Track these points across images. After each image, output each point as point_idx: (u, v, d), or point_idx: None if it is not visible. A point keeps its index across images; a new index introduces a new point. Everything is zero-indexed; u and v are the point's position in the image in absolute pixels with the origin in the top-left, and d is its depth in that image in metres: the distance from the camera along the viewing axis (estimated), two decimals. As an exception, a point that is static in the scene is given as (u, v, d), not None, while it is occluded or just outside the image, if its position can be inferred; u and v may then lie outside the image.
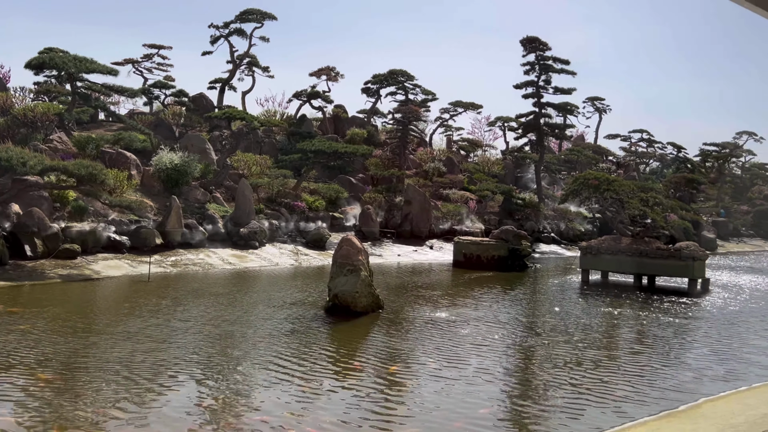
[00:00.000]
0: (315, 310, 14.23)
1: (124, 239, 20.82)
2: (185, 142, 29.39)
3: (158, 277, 18.70)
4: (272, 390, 8.41)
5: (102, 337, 11.04)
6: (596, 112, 58.25)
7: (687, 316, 15.72)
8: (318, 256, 25.11)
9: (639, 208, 22.40)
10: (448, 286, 20.63)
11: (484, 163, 44.72)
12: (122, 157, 25.60)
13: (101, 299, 15.35)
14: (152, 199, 24.14)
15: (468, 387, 8.89)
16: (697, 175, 51.33)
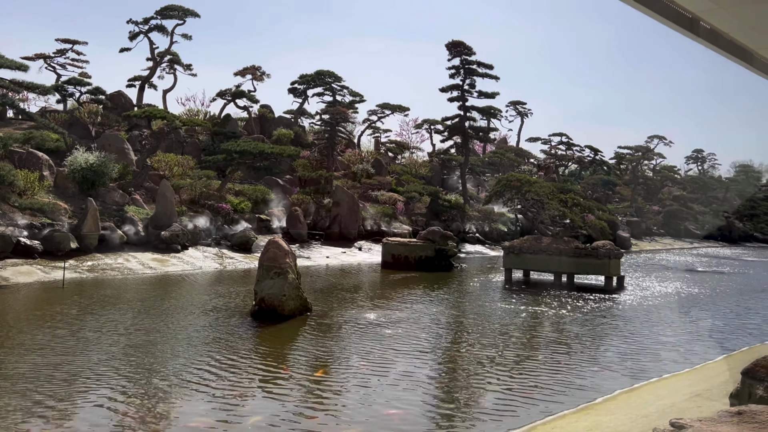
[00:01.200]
0: (240, 315, 13.94)
1: (35, 244, 19.69)
2: (102, 141, 28.14)
3: (74, 283, 17.80)
4: (193, 401, 8.17)
5: (7, 349, 10.39)
6: (518, 116, 60.14)
7: (603, 312, 16.44)
8: (244, 259, 24.63)
9: (558, 208, 23.27)
10: (377, 287, 20.71)
11: (412, 164, 45.25)
12: (33, 158, 24.24)
13: (10, 308, 14.44)
14: (67, 202, 22.97)
15: (393, 388, 8.94)
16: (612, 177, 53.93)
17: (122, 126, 33.01)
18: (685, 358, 11.48)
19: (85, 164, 23.96)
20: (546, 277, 22.59)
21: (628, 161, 63.38)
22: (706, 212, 61.05)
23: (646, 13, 3.60)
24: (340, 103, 41.35)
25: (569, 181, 49.31)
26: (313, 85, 42.37)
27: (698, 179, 69.54)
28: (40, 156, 24.60)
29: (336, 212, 31.51)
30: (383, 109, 47.32)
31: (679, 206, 59.94)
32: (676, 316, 16.46)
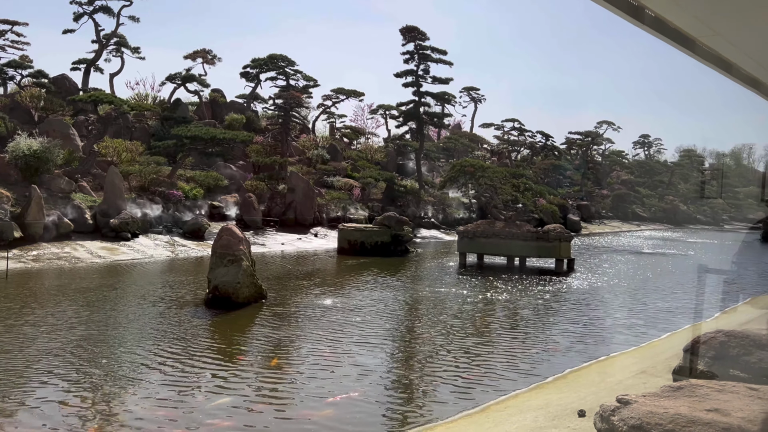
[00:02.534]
0: (194, 303, 13.74)
1: (-25, 233, 18.92)
2: (46, 127, 27.12)
3: (17, 273, 17.20)
4: (144, 393, 8.03)
5: (-50, 342, 10.00)
6: (472, 102, 60.71)
7: (554, 295, 16.86)
8: (196, 247, 24.23)
9: (511, 193, 23.67)
10: (333, 273, 20.70)
11: (367, 150, 45.19)
12: (-29, 143, 23.19)
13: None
14: (9, 189, 22.09)
15: (348, 376, 8.98)
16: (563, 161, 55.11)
17: (67, 111, 31.86)
18: (632, 337, 11.90)
19: (28, 150, 23.08)
20: (499, 260, 22.99)
21: (579, 146, 64.84)
22: (652, 196, 63.13)
23: (594, 0, 3.68)
24: (294, 88, 40.86)
25: (522, 166, 50.15)
26: (265, 69, 41.72)
27: (645, 164, 71.75)
28: (-21, 142, 23.55)
29: (291, 198, 31.26)
30: (338, 94, 47.01)
31: (627, 190, 61.81)
32: (624, 296, 17.02)
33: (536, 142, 58.43)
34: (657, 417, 3.98)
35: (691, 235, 47.37)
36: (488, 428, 6.32)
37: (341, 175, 37.38)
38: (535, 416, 6.44)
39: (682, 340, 7.82)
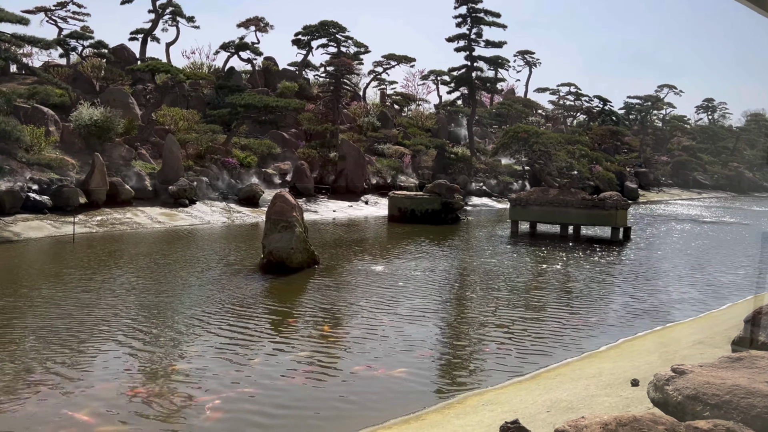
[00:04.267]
0: (249, 267, 14.12)
1: (45, 199, 19.84)
2: (107, 96, 27.96)
3: (84, 237, 18.02)
4: (204, 350, 8.36)
5: (19, 304, 10.61)
6: (526, 66, 59.18)
7: (608, 263, 16.54)
8: (251, 213, 24.77)
9: (566, 160, 23.15)
10: (383, 240, 20.86)
11: (418, 117, 44.85)
12: (38, 113, 24.14)
13: (22, 262, 14.68)
14: (73, 157, 23.01)
15: (401, 341, 9.11)
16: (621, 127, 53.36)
17: (126, 80, 32.73)
18: (689, 308, 11.60)
19: (90, 120, 23.89)
20: (552, 228, 22.64)
21: (638, 111, 62.59)
22: (715, 162, 60.56)
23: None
24: (345, 55, 40.69)
25: (577, 132, 48.83)
26: (317, 37, 41.62)
27: (708, 129, 68.71)
28: (45, 111, 24.50)
29: (342, 166, 31.45)
30: (389, 61, 46.58)
31: (688, 156, 59.45)
32: (682, 266, 16.55)
33: (593, 107, 56.66)
34: (714, 387, 3.90)
35: (757, 203, 45.38)
36: (538, 395, 6.33)
37: (392, 142, 37.29)
38: (587, 384, 6.41)
39: (742, 311, 7.58)
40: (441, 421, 5.93)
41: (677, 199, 47.60)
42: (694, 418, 3.71)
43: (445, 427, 5.68)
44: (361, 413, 6.40)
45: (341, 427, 6.03)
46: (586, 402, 5.65)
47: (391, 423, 6.10)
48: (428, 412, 6.40)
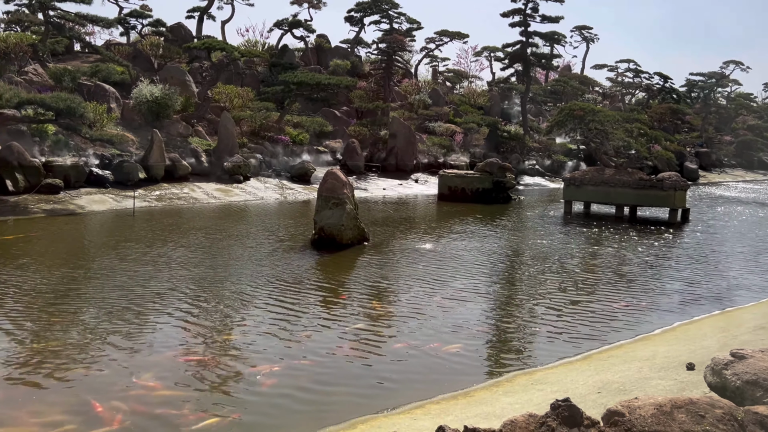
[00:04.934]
0: (301, 243, 14.36)
1: (107, 174, 20.62)
2: (165, 74, 28.66)
3: (143, 211, 18.66)
4: (258, 322, 8.59)
5: (84, 273, 11.11)
6: (583, 42, 57.46)
7: (665, 246, 16.08)
8: (303, 190, 25.11)
9: (623, 138, 22.50)
10: (433, 218, 20.83)
11: (470, 94, 44.27)
12: (101, 90, 24.99)
13: (86, 234, 15.34)
14: (133, 133, 23.76)
15: (450, 318, 9.14)
16: (682, 105, 51.34)
17: (183, 58, 33.44)
18: (750, 293, 11.20)
19: (150, 97, 24.55)
20: (607, 209, 22.12)
21: (700, 89, 60.02)
22: (783, 142, 57.65)
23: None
24: (397, 31, 40.41)
25: (636, 110, 47.26)
26: (369, 13, 41.46)
27: (777, 107, 65.35)
28: (107, 89, 25.32)
29: (392, 144, 31.43)
30: (441, 37, 46.04)
31: (754, 136, 56.77)
32: (743, 251, 15.94)
33: (653, 85, 54.63)
34: (775, 373, 3.79)
35: (828, 186, 43.12)
36: (589, 376, 6.27)
37: (443, 120, 36.99)
38: (640, 367, 6.30)
39: (808, 298, 7.28)
40: (489, 399, 5.96)
41: (740, 181, 45.69)
42: (753, 403, 3.62)
43: (494, 404, 5.70)
44: (408, 389, 6.48)
45: (389, 401, 6.12)
46: (638, 384, 5.56)
47: (439, 398, 6.16)
48: (476, 389, 6.43)
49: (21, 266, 11.10)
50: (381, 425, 5.38)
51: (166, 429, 5.46)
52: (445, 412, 5.58)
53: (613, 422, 3.10)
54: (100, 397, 5.94)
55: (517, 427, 2.89)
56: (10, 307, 8.72)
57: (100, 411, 5.67)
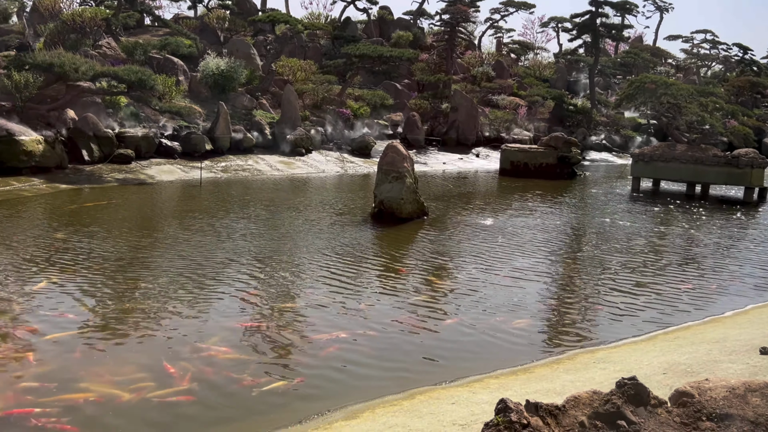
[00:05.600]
0: (360, 216, 14.48)
1: (175, 145, 21.28)
2: (230, 47, 29.15)
3: (209, 182, 19.21)
4: (318, 292, 8.75)
5: (153, 241, 11.57)
6: (657, 11, 54.81)
7: (741, 226, 15.37)
8: (363, 163, 25.22)
9: (697, 113, 21.46)
10: (493, 194, 20.58)
11: (536, 67, 43.13)
12: (170, 63, 25.66)
13: (156, 203, 15.94)
14: (200, 106, 24.35)
15: (512, 292, 9.05)
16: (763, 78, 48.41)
17: (248, 31, 33.88)
18: (832, 276, 10.59)
19: (216, 70, 25.05)
20: (678, 187, 21.27)
21: (785, 60, 56.35)
22: None
23: None
24: (461, 2, 39.59)
25: (711, 83, 44.91)
26: (433, -16, 40.73)
27: None
28: (176, 61, 25.97)
29: (454, 117, 31.06)
30: (507, 7, 44.91)
31: (843, 112, 53.06)
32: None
33: (731, 56, 51.74)
34: None
35: None
36: (654, 356, 6.11)
37: (506, 93, 36.23)
38: (709, 349, 6.09)
39: None
40: (549, 375, 5.90)
41: (825, 159, 42.97)
42: (833, 391, 3.44)
43: (554, 381, 5.64)
44: (466, 363, 6.49)
45: (447, 374, 6.15)
46: (707, 367, 5.39)
47: (498, 373, 6.15)
48: (536, 365, 6.37)
49: (91, 233, 11.66)
50: (439, 396, 5.42)
51: (233, 390, 5.67)
52: (504, 387, 5.56)
53: (682, 403, 3.01)
54: (169, 358, 6.22)
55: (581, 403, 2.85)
56: (86, 271, 9.19)
57: (171, 371, 5.94)
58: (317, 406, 5.42)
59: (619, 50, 48.78)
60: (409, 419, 4.90)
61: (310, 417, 5.20)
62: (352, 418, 5.09)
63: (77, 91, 19.39)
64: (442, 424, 4.69)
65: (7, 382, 5.64)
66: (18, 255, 9.77)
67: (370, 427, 4.82)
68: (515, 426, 2.59)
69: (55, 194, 15.68)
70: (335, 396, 5.66)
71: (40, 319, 7.16)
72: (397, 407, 5.23)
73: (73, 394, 5.46)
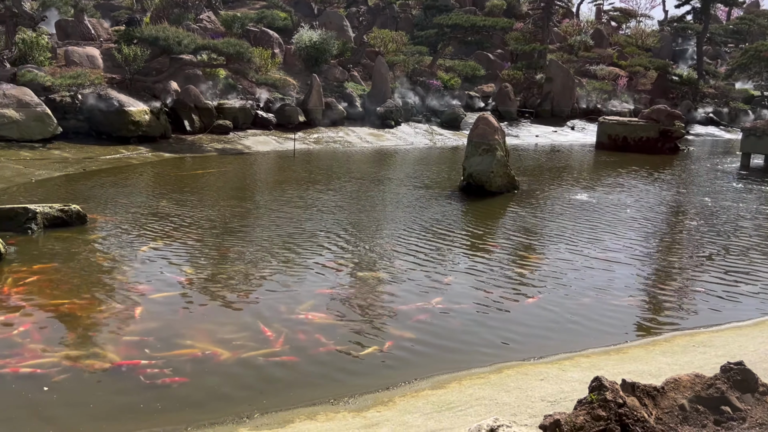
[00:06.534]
0: (449, 189, 14.40)
1: (270, 116, 21.91)
2: (323, 19, 29.48)
3: (302, 153, 19.69)
4: (404, 264, 8.81)
5: (249, 208, 12.03)
6: (779, -28, 50.18)
7: None
8: (452, 135, 24.98)
9: (821, 84, 19.65)
10: (589, 168, 19.85)
11: (638, 35, 40.80)
12: (266, 36, 26.29)
13: (252, 172, 16.53)
14: (294, 78, 24.87)
15: (604, 271, 8.76)
16: None
17: (341, 3, 34.09)
18: None
19: (309, 42, 25.43)
20: (793, 164, 19.67)
21: None
22: None
23: None
24: (560, -32, 37.94)
25: (839, 51, 40.81)
26: (530, -51, 39.19)
27: None
28: (272, 34, 26.58)
29: (548, 89, 30.07)
30: (608, -27, 42.55)
31: None
32: None
33: None
34: None
35: None
36: (761, 342, 5.76)
37: (605, 63, 34.59)
38: (824, 339, 5.66)
39: None
40: (644, 357, 5.69)
41: None
42: None
43: (649, 363, 5.44)
44: (555, 341, 6.37)
45: (535, 350, 6.07)
46: (821, 358, 5.01)
47: (589, 352, 6.00)
48: (630, 346, 6.16)
49: (191, 200, 12.28)
50: (528, 372, 5.36)
51: (323, 353, 5.86)
52: (596, 366, 5.43)
53: (793, 393, 2.83)
54: (265, 321, 6.50)
55: (681, 385, 2.73)
56: (186, 237, 9.71)
57: (267, 333, 6.22)
58: (404, 374, 5.51)
59: (732, 16, 45.21)
60: (497, 392, 4.89)
61: (397, 384, 5.30)
62: (438, 387, 5.15)
63: (180, 64, 20.29)
64: (531, 400, 4.65)
65: (117, 336, 6.10)
66: (128, 219, 10.46)
67: (457, 397, 4.85)
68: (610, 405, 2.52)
69: (159, 162, 16.60)
70: (421, 366, 5.72)
71: (146, 280, 7.66)
72: (484, 380, 5.23)
73: (177, 350, 5.83)
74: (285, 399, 5.09)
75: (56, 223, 9.54)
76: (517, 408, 4.59)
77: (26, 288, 7.12)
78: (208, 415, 4.83)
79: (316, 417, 4.71)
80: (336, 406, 4.94)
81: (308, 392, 5.21)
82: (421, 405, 4.82)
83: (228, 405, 4.98)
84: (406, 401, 4.91)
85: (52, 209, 9.63)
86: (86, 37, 22.09)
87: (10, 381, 5.19)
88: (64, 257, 8.29)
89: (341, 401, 5.01)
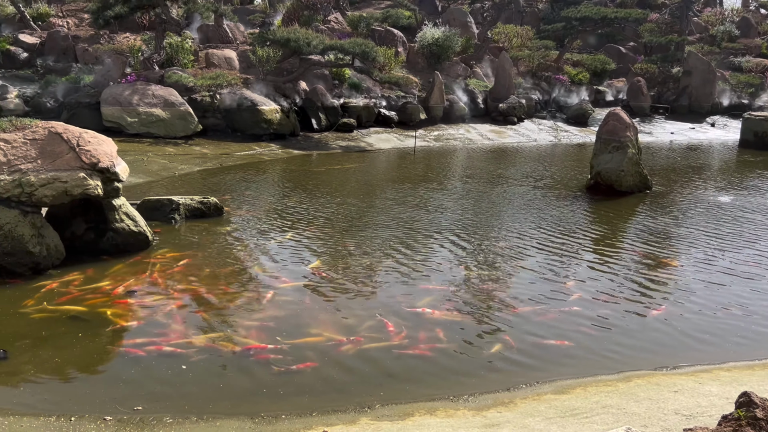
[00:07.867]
0: (575, 188, 13.88)
1: (392, 114, 22.22)
2: (448, 16, 29.41)
3: (422, 150, 19.80)
4: (526, 264, 8.60)
5: (370, 203, 12.28)
6: None
7: None
8: (578, 132, 24.03)
9: None
10: (731, 168, 18.33)
11: (792, 22, 36.99)
12: (390, 35, 26.67)
13: (375, 169, 16.87)
14: (416, 75, 25.02)
15: (746, 278, 8.05)
16: None
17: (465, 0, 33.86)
18: None
19: (432, 39, 25.49)
20: None
21: None
22: None
23: None
24: (702, -47, 35.28)
25: None
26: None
27: None
28: (396, 33, 26.91)
29: (686, 82, 28.07)
30: (759, -45, 38.92)
31: None
32: None
33: None
34: None
35: None
36: None
37: (753, 54, 31.70)
38: None
39: None
40: None
41: None
42: None
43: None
44: (691, 351, 5.96)
45: (668, 360, 5.70)
46: None
47: (731, 365, 5.54)
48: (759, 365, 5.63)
49: (321, 196, 12.74)
50: (659, 383, 5.06)
51: (443, 349, 5.88)
52: (737, 381, 5.01)
53: None
54: (385, 315, 6.62)
55: None
56: (312, 230, 10.09)
57: (389, 327, 6.34)
58: (525, 376, 5.40)
59: None
60: (625, 402, 4.66)
61: (518, 386, 5.20)
62: (562, 392, 4.99)
63: (309, 64, 21.10)
64: (663, 412, 4.39)
65: (248, 321, 6.48)
66: (260, 212, 11.06)
67: (582, 404, 4.68)
68: (761, 423, 2.32)
69: (288, 159, 17.38)
70: (542, 369, 5.58)
71: (276, 269, 8.06)
72: (611, 388, 5.00)
73: (302, 338, 6.09)
74: (404, 392, 5.17)
75: (195, 214, 10.30)
76: (648, 420, 4.34)
77: (171, 273, 7.74)
78: (330, 403, 5.01)
79: (436, 412, 4.74)
80: (456, 403, 4.93)
81: (427, 387, 5.25)
82: (543, 409, 4.70)
83: (349, 394, 5.13)
84: (527, 404, 4.81)
85: (192, 201, 10.40)
86: (224, 40, 23.58)
87: (155, 358, 5.68)
88: (202, 246, 8.92)
89: (461, 399, 5.00)
